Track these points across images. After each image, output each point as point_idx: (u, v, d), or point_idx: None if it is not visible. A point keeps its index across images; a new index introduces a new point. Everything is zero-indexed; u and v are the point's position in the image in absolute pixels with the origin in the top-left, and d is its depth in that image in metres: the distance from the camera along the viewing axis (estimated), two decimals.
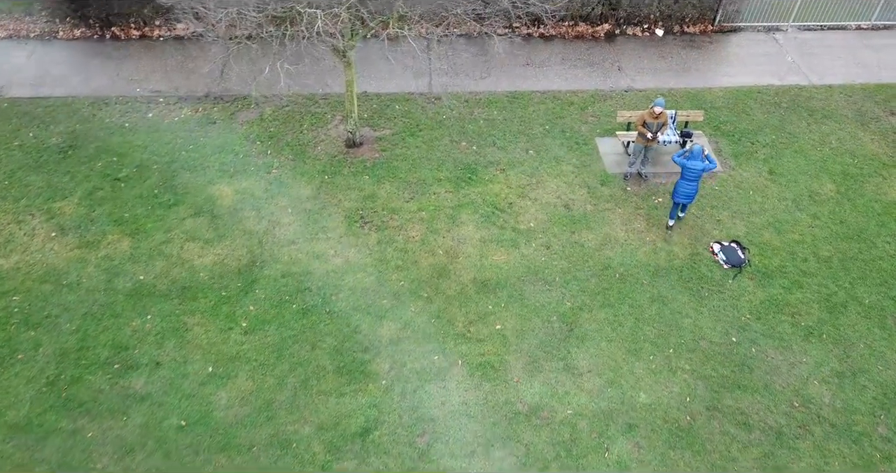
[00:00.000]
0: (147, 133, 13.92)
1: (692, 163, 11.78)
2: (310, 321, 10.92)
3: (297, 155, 13.69)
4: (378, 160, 13.69)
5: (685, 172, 11.88)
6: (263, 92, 14.55)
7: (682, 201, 12.21)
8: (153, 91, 15.00)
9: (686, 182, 11.95)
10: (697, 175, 11.83)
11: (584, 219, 12.84)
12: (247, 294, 11.22)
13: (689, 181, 11.93)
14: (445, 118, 14.85)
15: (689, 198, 12.13)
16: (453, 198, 13.06)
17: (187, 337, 10.58)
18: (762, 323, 11.36)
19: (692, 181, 11.90)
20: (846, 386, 10.61)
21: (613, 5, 17.24)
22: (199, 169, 13.23)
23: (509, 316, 11.20)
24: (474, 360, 10.58)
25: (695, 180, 11.88)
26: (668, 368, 10.68)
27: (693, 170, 11.81)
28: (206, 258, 11.69)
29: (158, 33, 16.42)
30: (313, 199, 12.81)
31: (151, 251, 11.72)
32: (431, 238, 12.31)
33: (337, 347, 10.61)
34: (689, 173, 11.86)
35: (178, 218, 12.30)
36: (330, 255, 11.88)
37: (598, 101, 15.55)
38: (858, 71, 16.83)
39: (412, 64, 15.95)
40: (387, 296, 11.34)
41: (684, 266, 12.16)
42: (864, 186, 13.83)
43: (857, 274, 12.20)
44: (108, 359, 10.23)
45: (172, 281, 11.31)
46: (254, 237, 12.08)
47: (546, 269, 11.93)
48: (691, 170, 11.81)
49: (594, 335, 11.03)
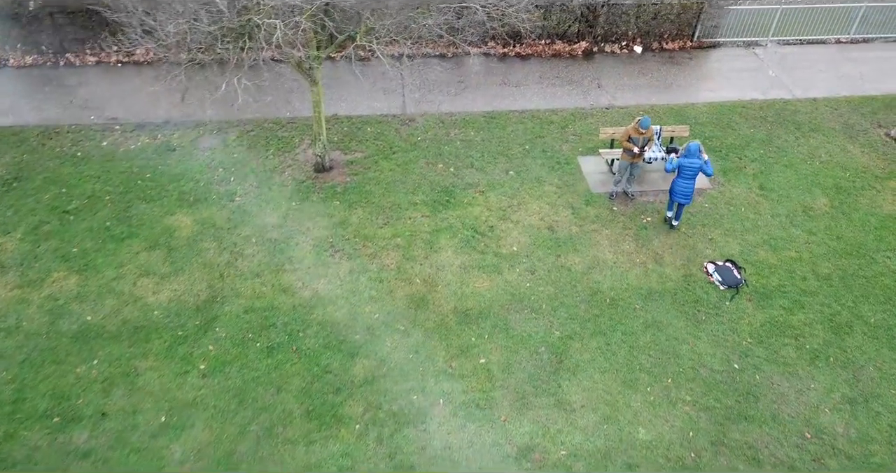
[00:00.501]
0: (100, 162, 12.99)
1: (689, 160, 11.46)
2: (275, 360, 9.94)
3: (262, 181, 12.83)
4: (349, 184, 12.88)
5: (683, 170, 11.55)
6: (224, 115, 13.89)
7: (680, 200, 11.84)
8: (109, 118, 14.13)
9: (684, 180, 11.64)
10: (695, 173, 11.53)
11: (570, 241, 12.08)
12: (206, 332, 10.23)
13: (687, 179, 11.57)
14: (420, 140, 14.12)
15: (687, 197, 11.74)
16: (430, 222, 12.25)
17: (138, 383, 9.54)
18: (764, 348, 10.59)
19: (689, 179, 11.57)
20: (859, 414, 9.83)
21: (590, 23, 16.80)
22: (156, 198, 12.31)
23: (494, 348, 10.31)
24: (457, 399, 9.64)
25: (692, 178, 11.58)
26: (667, 400, 9.83)
27: (691, 168, 11.47)
28: (161, 294, 10.70)
29: (116, 59, 15.62)
30: (279, 228, 11.92)
31: (101, 289, 10.72)
32: (408, 266, 11.45)
33: (305, 389, 9.62)
34: (686, 171, 11.52)
35: (132, 251, 11.33)
36: (297, 288, 10.95)
37: (579, 119, 14.95)
38: (842, 84, 16.48)
39: (384, 84, 15.40)
40: (360, 331, 10.41)
41: (678, 288, 11.41)
42: (857, 200, 13.28)
43: (859, 291, 11.54)
44: (48, 411, 9.13)
45: (123, 321, 10.29)
46: (214, 270, 11.14)
47: (532, 296, 11.11)
48: (689, 167, 11.48)
49: (586, 366, 10.18)
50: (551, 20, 16.54)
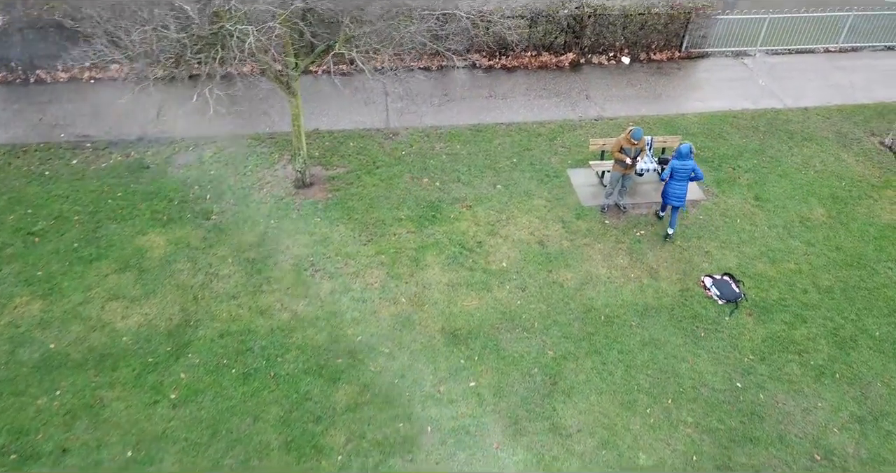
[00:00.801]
0: (69, 181, 12.40)
1: (681, 162, 11.22)
2: (252, 388, 9.32)
3: (239, 199, 12.29)
4: (331, 201, 12.36)
5: (675, 172, 11.31)
6: (200, 131, 13.36)
7: (673, 203, 11.55)
8: (80, 136, 13.56)
9: (676, 182, 11.36)
10: (687, 174, 11.33)
11: (562, 256, 11.60)
12: (177, 359, 9.61)
13: (679, 181, 11.35)
14: (405, 154, 13.66)
15: (680, 200, 11.49)
16: (416, 238, 11.73)
17: (103, 414, 8.88)
18: (767, 365, 10.11)
19: (682, 181, 11.36)
20: (869, 433, 9.34)
21: (577, 34, 16.50)
22: (127, 218, 11.72)
23: (484, 370, 9.75)
24: (446, 425, 9.05)
25: (684, 180, 11.37)
26: (668, 422, 9.30)
27: (683, 170, 11.25)
28: (130, 319, 10.08)
29: (89, 75, 15.10)
30: (257, 247, 11.36)
31: (66, 314, 10.08)
32: (392, 284, 10.90)
33: (283, 418, 9.00)
34: (679, 173, 11.30)
35: (101, 274, 10.71)
36: (276, 309, 10.37)
37: (568, 131, 14.56)
38: (833, 93, 16.24)
39: (367, 98, 14.96)
40: (342, 355, 9.82)
41: (675, 303, 10.94)
42: (855, 209, 12.92)
43: (862, 304, 11.11)
44: (4, 448, 8.44)
45: (89, 349, 9.64)
46: (188, 292, 10.54)
47: (523, 314, 10.58)
48: (681, 170, 11.25)
49: (582, 387, 9.64)
50: (537, 31, 16.23)
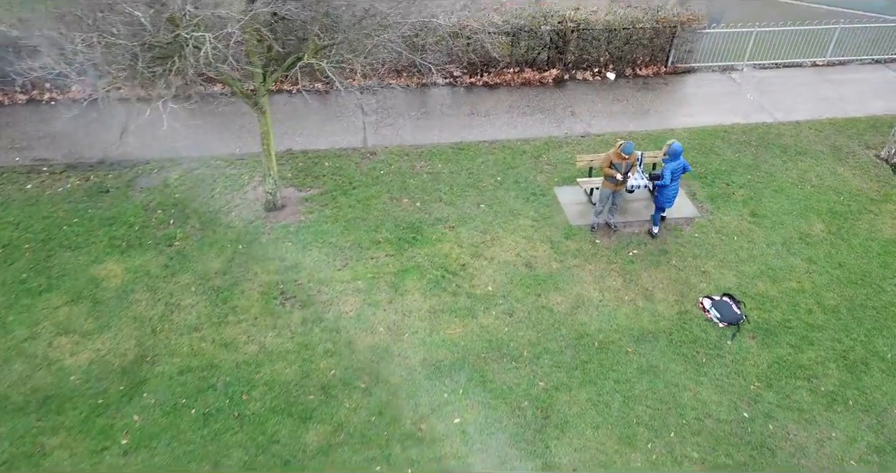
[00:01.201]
0: (21, 207, 11.56)
1: (674, 163, 11.03)
2: (213, 430, 8.42)
3: (205, 223, 11.48)
4: (303, 224, 11.58)
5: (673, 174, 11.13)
6: (166, 153, 12.63)
7: (667, 206, 11.49)
8: (36, 159, 12.75)
9: (673, 183, 11.18)
10: (680, 174, 11.25)
11: (550, 278, 10.87)
12: (131, 399, 8.70)
13: (674, 181, 11.18)
14: (383, 173, 12.95)
15: (671, 201, 11.41)
16: (395, 262, 10.97)
17: (44, 464, 7.93)
18: (775, 392, 9.36)
19: (676, 180, 11.23)
20: (890, 465, 8.60)
21: (560, 49, 16.02)
22: (82, 246, 10.87)
23: (470, 405, 8.92)
24: (428, 468, 8.18)
25: (678, 178, 11.28)
26: (671, 458, 8.51)
27: (677, 171, 11.11)
28: (80, 355, 9.18)
29: (50, 96, 14.36)
30: (223, 274, 10.53)
31: (8, 351, 9.16)
32: (369, 312, 10.10)
33: (248, 463, 8.10)
34: (675, 173, 11.14)
35: (50, 307, 9.83)
36: (242, 342, 9.51)
37: (553, 148, 13.95)
38: (823, 106, 15.82)
39: (343, 116, 14.33)
40: (314, 391, 8.96)
41: (673, 327, 10.21)
42: (856, 224, 12.33)
43: (870, 324, 10.45)
44: None
45: (32, 390, 8.72)
46: (146, 325, 9.67)
47: (511, 342, 9.80)
48: (678, 169, 11.13)
49: (576, 421, 8.83)
50: (520, 47, 15.73)
